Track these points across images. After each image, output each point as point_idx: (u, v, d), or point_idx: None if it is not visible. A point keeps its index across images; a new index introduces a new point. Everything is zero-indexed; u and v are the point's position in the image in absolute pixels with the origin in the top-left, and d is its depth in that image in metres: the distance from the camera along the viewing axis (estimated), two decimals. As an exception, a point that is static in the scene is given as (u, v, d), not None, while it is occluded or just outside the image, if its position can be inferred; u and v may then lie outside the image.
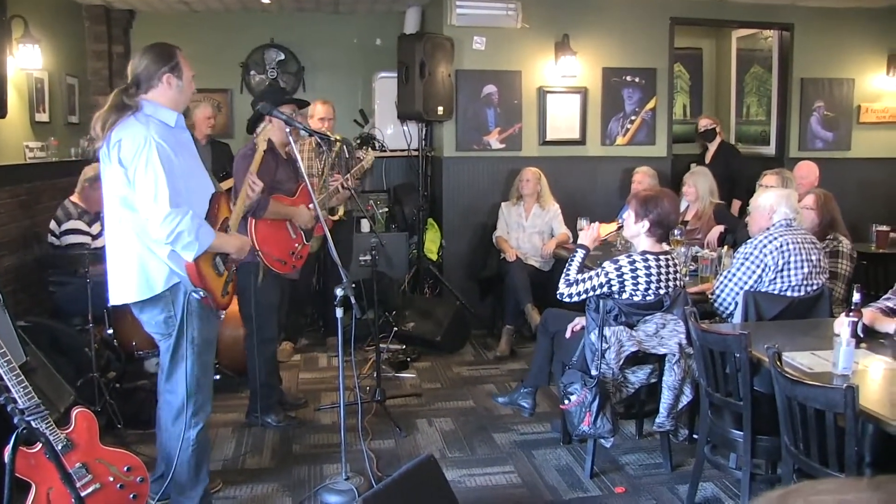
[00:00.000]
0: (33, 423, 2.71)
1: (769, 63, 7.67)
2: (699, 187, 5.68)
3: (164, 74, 3.07)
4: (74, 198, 5.06)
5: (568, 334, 4.14)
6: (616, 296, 3.79)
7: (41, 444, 2.68)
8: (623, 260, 3.79)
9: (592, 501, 3.71)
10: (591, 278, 3.83)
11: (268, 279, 4.27)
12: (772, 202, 4.06)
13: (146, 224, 2.97)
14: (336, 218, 5.31)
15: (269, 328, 4.41)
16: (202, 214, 3.10)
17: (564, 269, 3.96)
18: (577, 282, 3.87)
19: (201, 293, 3.04)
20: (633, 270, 3.74)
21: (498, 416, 4.76)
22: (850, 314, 3.05)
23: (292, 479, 3.92)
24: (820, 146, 7.32)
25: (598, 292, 3.80)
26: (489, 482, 3.90)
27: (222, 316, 3.24)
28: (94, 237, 4.92)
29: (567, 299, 3.89)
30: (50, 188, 5.63)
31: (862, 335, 3.15)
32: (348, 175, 5.07)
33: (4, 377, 2.78)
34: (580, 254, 3.99)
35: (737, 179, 6.66)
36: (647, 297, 3.77)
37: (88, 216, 4.99)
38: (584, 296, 3.84)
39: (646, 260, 3.76)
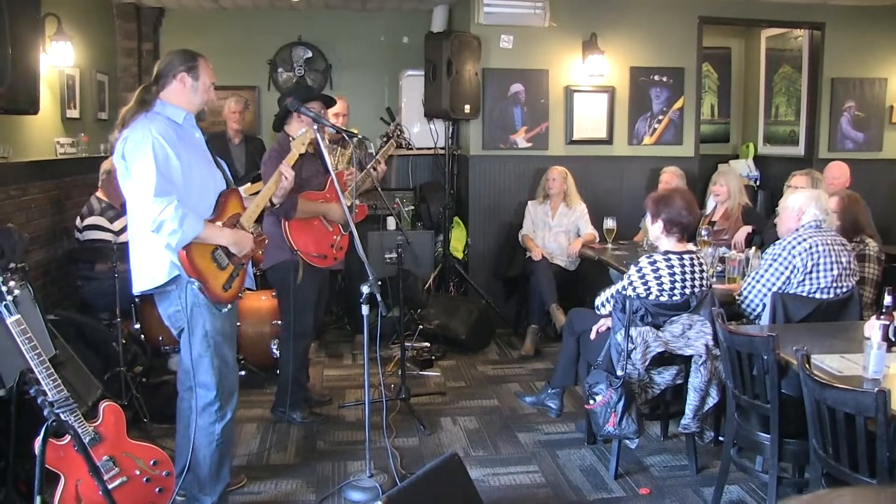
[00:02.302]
0: (62, 416, 2.74)
1: (799, 63, 7.58)
2: (731, 185, 5.63)
3: (180, 73, 3.15)
4: (99, 193, 5.13)
5: (593, 335, 4.12)
6: (643, 297, 3.77)
7: (70, 437, 2.72)
8: (643, 261, 3.80)
9: (616, 502, 3.69)
10: (619, 283, 3.88)
11: (305, 275, 4.30)
12: (801, 203, 4.01)
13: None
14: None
15: (304, 323, 4.43)
16: (204, 209, 3.13)
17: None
18: (607, 299, 4.05)
19: (196, 284, 3.06)
20: (654, 270, 3.73)
21: (522, 415, 4.75)
22: (882, 317, 3.00)
23: (316, 475, 3.94)
24: (850, 147, 7.22)
25: (623, 294, 3.82)
26: (513, 481, 3.89)
27: (226, 309, 3.23)
28: (117, 233, 4.97)
29: (602, 308, 4.06)
30: (80, 183, 5.70)
31: (893, 339, 3.10)
32: (378, 157, 5.07)
33: (35, 370, 2.82)
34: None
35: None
36: (674, 298, 3.75)
37: (113, 211, 5.04)
38: (612, 302, 3.93)
39: (668, 259, 3.74)
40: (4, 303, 2.81)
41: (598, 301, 4.09)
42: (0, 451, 3.21)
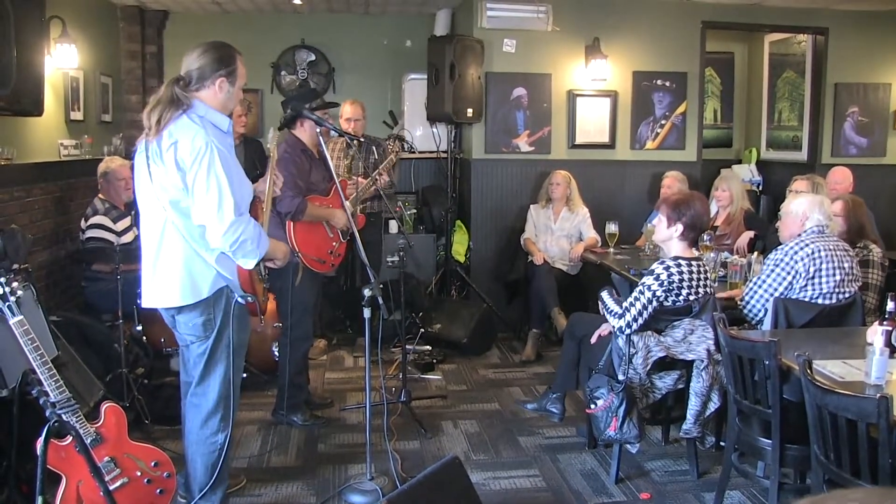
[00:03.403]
0: (64, 417, 2.75)
1: (802, 68, 7.58)
2: (734, 190, 5.62)
3: (219, 78, 3.00)
4: (101, 195, 5.14)
5: (594, 339, 4.10)
6: (662, 304, 3.72)
7: (72, 438, 2.73)
8: (659, 268, 3.73)
9: (617, 507, 3.69)
10: (637, 300, 3.71)
11: (305, 279, 4.31)
12: (804, 208, 4.00)
13: (204, 231, 2.92)
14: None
15: (303, 327, 4.44)
16: None
17: (605, 311, 3.86)
18: (626, 310, 3.73)
19: (249, 298, 3.03)
20: (669, 276, 3.69)
21: (523, 419, 4.75)
22: (885, 323, 2.99)
23: (317, 478, 3.94)
24: (854, 152, 7.22)
25: (650, 309, 3.68)
26: (513, 485, 3.89)
27: (262, 320, 3.23)
28: (119, 234, 4.99)
29: (629, 330, 3.70)
30: (83, 186, 5.71)
31: (896, 345, 3.10)
32: (380, 169, 5.08)
33: (37, 371, 2.82)
34: (606, 297, 3.91)
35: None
36: (677, 303, 3.74)
37: (116, 211, 5.07)
38: (640, 319, 3.68)
39: (679, 265, 3.72)
40: (7, 304, 2.81)
41: (621, 324, 3.73)
42: (2, 451, 3.22)
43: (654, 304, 3.70)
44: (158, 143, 2.90)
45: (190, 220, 2.95)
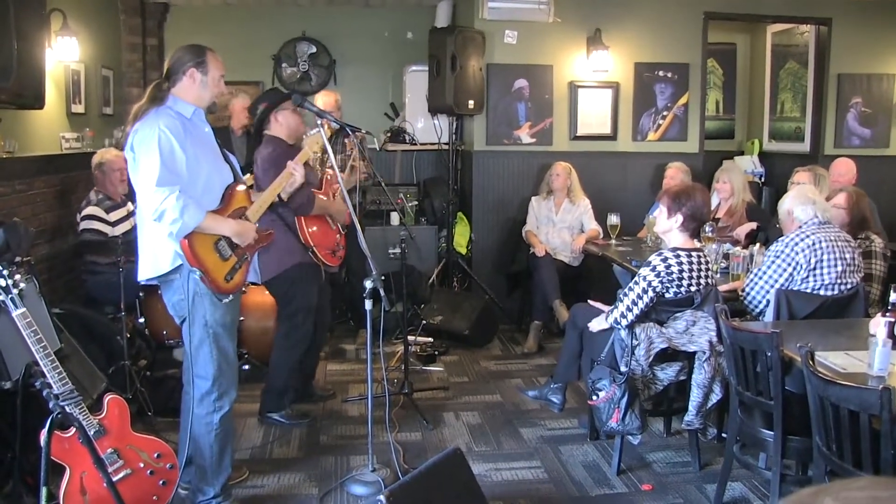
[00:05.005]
0: (67, 409, 2.76)
1: (805, 59, 7.55)
2: (734, 182, 5.61)
3: (189, 69, 3.20)
4: (97, 186, 5.15)
5: (592, 327, 4.07)
6: (662, 296, 3.73)
7: (75, 429, 2.74)
8: (656, 260, 3.74)
9: (619, 498, 3.69)
10: (631, 290, 3.75)
11: (305, 280, 4.29)
12: (787, 206, 4.03)
13: None
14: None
15: (304, 329, 4.38)
16: (210, 202, 3.17)
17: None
18: (619, 301, 3.79)
19: (198, 273, 3.08)
20: (667, 268, 3.70)
21: (525, 410, 4.75)
22: (887, 314, 2.99)
23: (319, 469, 3.95)
24: (857, 143, 7.19)
25: (645, 299, 3.71)
26: (515, 477, 3.90)
27: (227, 300, 3.24)
28: (113, 224, 4.99)
29: (624, 321, 3.73)
30: (85, 178, 5.69)
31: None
32: (352, 163, 5.10)
33: (40, 363, 2.83)
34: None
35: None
36: (679, 295, 3.74)
37: (110, 202, 5.07)
38: (635, 309, 3.71)
39: (678, 256, 3.72)
40: (10, 296, 2.82)
41: (614, 316, 3.79)
42: (6, 442, 3.23)
43: (651, 294, 3.71)
44: (128, 134, 3.15)
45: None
